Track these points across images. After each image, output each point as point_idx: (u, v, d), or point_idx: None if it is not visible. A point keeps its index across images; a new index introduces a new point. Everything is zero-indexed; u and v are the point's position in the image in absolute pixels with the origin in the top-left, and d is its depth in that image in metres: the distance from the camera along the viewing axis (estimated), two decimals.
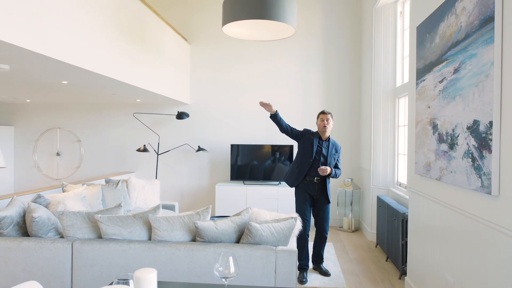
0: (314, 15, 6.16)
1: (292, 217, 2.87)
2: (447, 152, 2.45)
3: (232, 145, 6.08)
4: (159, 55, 5.08)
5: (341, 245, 4.96)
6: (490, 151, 1.92)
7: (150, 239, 2.81)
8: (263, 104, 3.74)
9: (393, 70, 5.00)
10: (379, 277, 3.83)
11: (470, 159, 2.12)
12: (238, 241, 2.78)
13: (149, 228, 2.81)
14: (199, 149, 6.15)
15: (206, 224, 2.68)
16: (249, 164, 6.09)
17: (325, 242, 3.92)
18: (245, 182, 6.03)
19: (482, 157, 2.00)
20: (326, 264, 4.09)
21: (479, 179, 2.02)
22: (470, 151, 2.13)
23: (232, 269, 1.58)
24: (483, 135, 1.99)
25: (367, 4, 5.55)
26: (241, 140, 6.29)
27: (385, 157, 5.05)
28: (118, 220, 2.77)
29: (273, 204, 5.75)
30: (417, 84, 3.12)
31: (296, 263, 2.59)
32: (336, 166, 3.92)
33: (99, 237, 2.84)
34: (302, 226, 3.37)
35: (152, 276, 1.08)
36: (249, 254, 2.59)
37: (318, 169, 3.74)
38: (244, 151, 6.10)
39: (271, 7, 3.72)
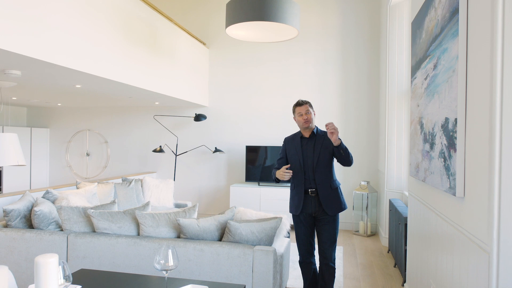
0: (331, 14, 6.07)
1: (277, 218, 2.87)
2: (429, 152, 2.34)
3: (247, 147, 6.13)
4: (173, 60, 5.26)
5: (351, 249, 4.83)
6: (455, 150, 1.81)
7: (139, 234, 2.93)
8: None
9: (408, 70, 4.80)
10: (381, 283, 3.69)
11: (443, 159, 2.02)
12: (221, 239, 2.82)
13: (138, 224, 2.93)
14: (216, 150, 6.27)
15: (188, 221, 2.75)
16: (263, 166, 6.11)
17: (333, 276, 2.88)
18: (260, 184, 6.05)
19: (450, 156, 1.89)
20: None
21: (448, 180, 1.92)
22: (443, 151, 2.02)
23: (171, 262, 1.62)
24: (451, 133, 1.88)
25: (384, 1, 5.38)
26: (257, 141, 6.33)
27: (399, 160, 4.86)
28: (108, 215, 2.91)
29: (286, 206, 5.71)
30: (411, 82, 3.00)
31: (273, 262, 2.58)
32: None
33: (94, 231, 3.00)
34: (302, 253, 2.92)
35: (52, 260, 1.15)
36: (227, 252, 2.62)
37: (325, 124, 2.65)
38: (259, 153, 6.13)
39: (272, 9, 3.74)
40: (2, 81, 3.57)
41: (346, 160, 2.77)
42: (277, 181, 2.90)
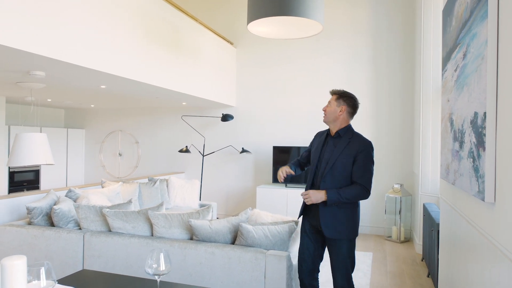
0: (359, 8, 5.79)
1: (293, 221, 2.72)
2: (458, 151, 2.09)
3: (274, 147, 6.00)
4: (199, 60, 5.23)
5: (382, 256, 4.55)
6: (484, 148, 1.58)
7: (152, 235, 2.88)
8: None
9: None
10: None
11: (472, 159, 1.78)
12: (234, 242, 2.71)
13: (152, 224, 2.88)
14: (243, 150, 6.18)
15: (199, 222, 2.67)
16: None
17: None
18: (287, 185, 5.88)
19: (479, 156, 1.66)
20: (355, 275, 3.75)
21: (477, 183, 1.68)
22: (472, 150, 1.78)
23: (163, 267, 1.53)
24: (480, 129, 1.65)
25: None
26: (284, 142, 6.17)
27: (435, 161, 4.51)
28: (123, 215, 2.89)
29: None
30: (442, 75, 2.73)
31: (287, 268, 2.43)
32: (352, 180, 2.33)
33: (110, 230, 2.99)
34: (303, 273, 2.44)
35: (19, 262, 1.09)
36: (239, 256, 2.51)
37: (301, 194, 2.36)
38: (286, 153, 5.97)
39: (293, 3, 3.60)
40: (30, 82, 3.69)
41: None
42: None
